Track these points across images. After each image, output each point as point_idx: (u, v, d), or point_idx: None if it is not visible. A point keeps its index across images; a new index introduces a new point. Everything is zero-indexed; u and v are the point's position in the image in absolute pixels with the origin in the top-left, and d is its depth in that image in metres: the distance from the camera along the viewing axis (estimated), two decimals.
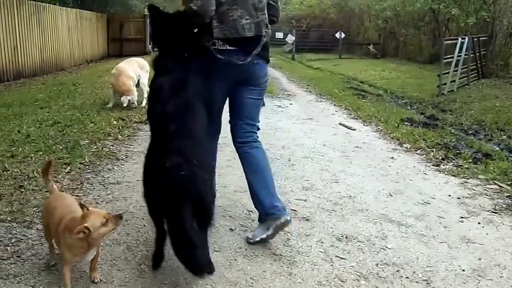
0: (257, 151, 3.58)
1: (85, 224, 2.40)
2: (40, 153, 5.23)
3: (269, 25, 3.42)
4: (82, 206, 2.59)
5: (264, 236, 3.30)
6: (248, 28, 3.25)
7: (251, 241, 3.35)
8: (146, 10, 22.41)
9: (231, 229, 3.56)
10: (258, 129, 3.67)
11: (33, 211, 3.70)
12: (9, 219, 3.55)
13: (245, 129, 3.57)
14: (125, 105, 7.84)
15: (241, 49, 3.26)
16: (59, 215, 2.64)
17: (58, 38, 15.48)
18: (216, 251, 3.21)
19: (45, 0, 15.58)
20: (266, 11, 3.37)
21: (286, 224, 3.29)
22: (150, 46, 21.93)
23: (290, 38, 28.42)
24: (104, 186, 4.38)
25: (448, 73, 13.49)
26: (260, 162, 3.56)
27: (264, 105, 4.45)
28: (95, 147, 5.64)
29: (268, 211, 3.31)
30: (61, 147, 5.49)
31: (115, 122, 6.96)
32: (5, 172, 4.56)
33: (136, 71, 8.42)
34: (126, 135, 6.30)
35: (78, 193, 4.16)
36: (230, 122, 3.66)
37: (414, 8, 23.87)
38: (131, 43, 21.48)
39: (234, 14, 3.20)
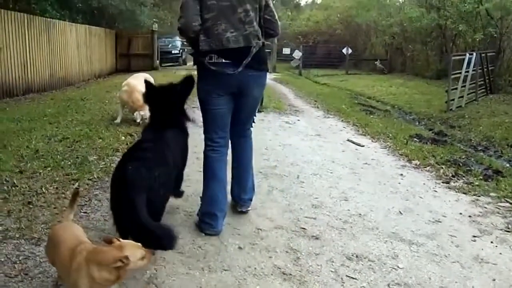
0: (243, 142, 4.14)
1: (126, 254, 2.27)
2: (49, 168, 5.22)
3: (261, 37, 3.69)
4: (109, 238, 2.42)
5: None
6: (233, 40, 3.56)
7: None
8: (153, 26, 22.58)
9: (239, 248, 3.52)
10: (252, 126, 4.26)
11: (42, 228, 3.67)
12: (17, 236, 3.53)
13: (239, 132, 4.05)
14: (138, 120, 7.82)
15: (233, 61, 3.57)
16: (69, 246, 2.45)
17: (67, 54, 15.60)
18: (225, 270, 3.17)
19: (55, 17, 15.75)
20: (255, 24, 3.65)
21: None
22: (157, 61, 22.11)
23: (297, 54, 28.51)
24: None
25: (456, 88, 13.46)
26: (241, 161, 4.13)
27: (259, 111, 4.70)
28: (103, 163, 5.63)
29: (237, 201, 4.16)
30: (69, 163, 5.48)
31: (123, 137, 6.96)
32: (13, 188, 4.55)
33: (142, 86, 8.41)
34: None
35: (87, 209, 4.13)
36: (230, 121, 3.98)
37: (421, 24, 23.91)
38: (139, 58, 21.62)
39: (219, 28, 3.55)
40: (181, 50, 28.56)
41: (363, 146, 7.47)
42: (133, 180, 2.97)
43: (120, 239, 2.41)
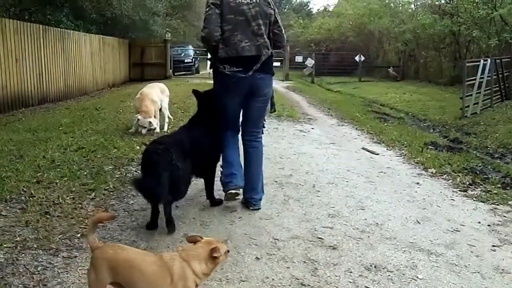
0: (253, 150, 4.67)
1: (227, 248, 2.58)
2: (65, 178, 5.24)
3: (270, 47, 4.42)
4: (193, 237, 2.58)
5: None
6: (247, 49, 4.27)
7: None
8: (166, 35, 22.70)
9: (257, 258, 3.50)
10: (264, 127, 4.96)
11: (59, 238, 3.69)
12: (35, 246, 3.54)
13: (250, 130, 4.67)
14: (145, 126, 7.90)
15: (245, 67, 4.28)
16: (151, 261, 2.45)
17: (82, 64, 15.74)
18: (242, 281, 3.15)
19: (69, 27, 15.93)
20: (265, 37, 4.37)
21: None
22: (170, 70, 22.19)
23: (310, 62, 28.51)
24: (129, 213, 4.37)
25: (470, 95, 13.37)
26: (253, 166, 4.64)
27: (274, 111, 5.62)
28: (119, 172, 5.66)
29: (249, 200, 4.60)
30: (85, 173, 5.51)
31: (138, 147, 6.97)
32: (31, 198, 4.57)
33: (159, 96, 8.52)
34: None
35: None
36: (241, 123, 4.71)
37: (434, 30, 23.83)
38: (152, 67, 21.72)
39: (235, 39, 4.25)
40: (193, 59, 28.66)
41: (378, 154, 7.43)
42: (160, 159, 3.87)
43: (203, 237, 2.59)
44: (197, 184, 5.30)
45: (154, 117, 8.09)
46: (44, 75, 12.78)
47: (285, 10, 71.57)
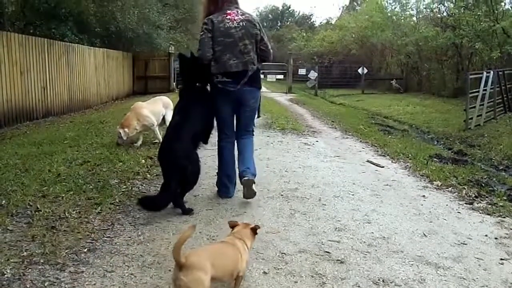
0: (245, 142, 5.43)
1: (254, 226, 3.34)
2: (71, 192, 5.25)
3: (256, 63, 5.16)
4: (233, 222, 3.37)
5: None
6: (235, 66, 5.03)
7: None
8: (170, 49, 22.80)
9: (264, 272, 3.48)
10: (253, 130, 5.62)
11: (66, 253, 3.68)
12: (41, 261, 3.54)
13: (242, 132, 5.43)
14: (124, 137, 8.01)
15: (234, 80, 5.04)
16: (228, 244, 3.12)
17: (86, 77, 15.83)
18: None
19: (74, 41, 16.03)
20: (252, 54, 5.11)
21: (249, 182, 5.08)
22: (174, 84, 22.25)
23: (313, 75, 28.62)
24: (135, 227, 4.36)
25: (474, 107, 13.38)
26: (244, 152, 5.37)
27: (259, 116, 6.07)
28: (124, 186, 5.65)
29: (240, 174, 5.19)
30: (91, 187, 5.51)
31: (143, 161, 6.99)
32: (37, 213, 4.57)
33: (158, 110, 8.57)
34: (155, 174, 6.28)
35: (109, 234, 4.14)
36: (235, 127, 5.45)
37: (436, 43, 23.89)
38: (156, 80, 21.83)
39: (224, 58, 5.03)
40: None
41: (383, 167, 7.41)
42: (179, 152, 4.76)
43: (239, 222, 3.38)
44: (202, 196, 5.32)
45: (135, 129, 8.15)
46: (49, 88, 12.87)
47: (288, 23, 72.03)
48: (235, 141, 5.45)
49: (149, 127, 8.34)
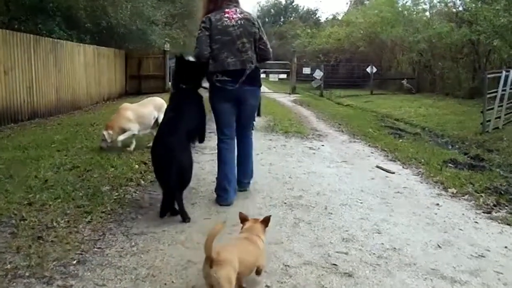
0: (244, 143, 5.79)
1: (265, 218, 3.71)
2: (59, 200, 5.25)
3: (254, 61, 5.48)
4: (244, 215, 3.73)
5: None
6: (232, 64, 5.33)
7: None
8: (165, 46, 22.85)
9: (267, 286, 3.48)
10: (253, 128, 5.97)
11: (53, 265, 3.68)
12: (27, 274, 3.53)
13: (241, 132, 5.73)
14: (108, 140, 8.04)
15: (232, 79, 5.33)
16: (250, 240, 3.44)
17: (75, 76, 15.87)
18: None
19: (62, 37, 16.04)
20: (250, 53, 5.41)
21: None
22: (170, 83, 22.26)
23: (318, 74, 28.62)
24: (128, 237, 4.36)
25: (492, 108, 13.35)
26: (243, 153, 5.78)
27: (259, 115, 6.38)
28: (116, 193, 5.66)
29: (239, 183, 5.74)
30: (81, 194, 5.52)
31: (136, 166, 7.00)
32: (22, 222, 4.57)
33: (147, 113, 8.57)
34: (149, 180, 6.29)
35: (101, 244, 4.14)
36: (235, 124, 5.67)
37: (451, 39, 23.88)
38: (150, 80, 21.87)
39: (222, 56, 5.32)
40: None
41: (393, 173, 7.41)
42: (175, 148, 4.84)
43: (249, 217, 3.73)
44: (200, 205, 5.33)
45: (119, 131, 8.19)
46: (35, 88, 12.88)
47: (292, 18, 72.14)
48: (235, 142, 5.71)
49: (127, 130, 8.31)
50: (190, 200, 5.39)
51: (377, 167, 7.77)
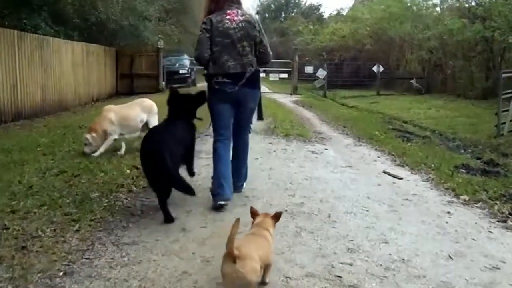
0: (240, 145, 6.07)
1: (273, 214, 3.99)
2: (45, 207, 5.24)
3: (254, 65, 5.75)
4: (254, 210, 3.98)
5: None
6: (233, 67, 5.59)
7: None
8: (159, 43, 22.86)
9: None
10: (250, 131, 6.21)
11: (38, 277, 3.67)
12: (9, 287, 3.53)
13: (239, 134, 6.02)
14: (93, 144, 8.04)
15: (232, 82, 5.60)
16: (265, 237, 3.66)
17: (62, 75, 15.88)
18: None
19: (48, 33, 16.03)
20: (250, 56, 5.68)
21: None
22: (163, 83, 22.28)
23: (321, 73, 28.62)
24: (118, 247, 4.36)
25: (507, 110, 13.35)
26: (238, 155, 6.08)
27: (262, 119, 6.62)
28: (106, 200, 5.65)
29: (233, 186, 5.82)
30: (68, 201, 5.51)
31: (128, 171, 7.00)
32: (5, 231, 4.56)
33: (133, 116, 8.50)
34: (141, 187, 6.30)
35: (89, 255, 4.13)
36: (232, 126, 5.94)
37: (463, 36, 23.86)
38: (142, 79, 21.91)
39: (222, 59, 5.59)
40: (190, 70, 28.78)
41: (401, 178, 7.41)
42: (161, 150, 5.04)
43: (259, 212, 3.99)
44: (195, 213, 5.33)
45: (103, 134, 8.17)
46: (19, 87, 12.89)
47: (293, 14, 72.23)
48: (231, 143, 6.01)
49: (109, 134, 8.26)
50: (184, 208, 5.40)
51: (384, 172, 7.77)
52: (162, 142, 5.20)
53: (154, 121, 8.58)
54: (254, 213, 3.94)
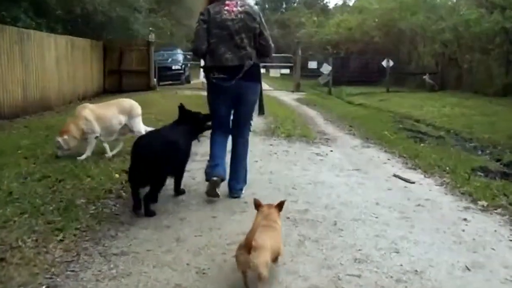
0: (240, 144, 6.27)
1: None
2: (26, 215, 5.22)
3: (253, 58, 5.96)
4: (258, 201, 4.36)
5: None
6: (230, 60, 5.83)
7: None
8: (150, 36, 22.85)
9: None
10: (251, 125, 6.40)
11: None
12: None
13: (239, 129, 6.28)
14: (64, 147, 7.99)
15: (229, 76, 5.82)
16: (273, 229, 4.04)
17: (45, 71, 15.83)
18: None
19: (29, 26, 16.00)
20: (248, 49, 5.89)
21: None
22: (155, 80, 22.27)
23: (326, 68, 28.59)
24: (106, 258, 4.35)
25: None
26: (237, 156, 6.27)
27: (263, 113, 6.86)
28: (93, 207, 5.64)
29: (230, 188, 6.21)
30: (51, 208, 5.48)
31: (117, 175, 6.99)
32: None
33: (109, 116, 8.39)
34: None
35: (74, 267, 4.13)
36: (232, 122, 6.28)
37: (481, 28, 23.84)
38: (132, 75, 21.90)
39: (220, 51, 5.84)
40: (183, 66, 28.78)
41: (413, 182, 7.41)
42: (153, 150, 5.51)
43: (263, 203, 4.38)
44: (190, 222, 5.32)
45: (75, 137, 8.09)
46: None
47: (295, 4, 72.26)
48: (230, 140, 6.37)
49: (88, 134, 8.19)
50: (178, 214, 5.40)
51: (395, 176, 7.77)
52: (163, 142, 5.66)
53: (136, 124, 8.53)
54: (258, 205, 4.31)
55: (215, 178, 5.91)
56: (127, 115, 8.50)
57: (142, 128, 8.56)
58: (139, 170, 5.46)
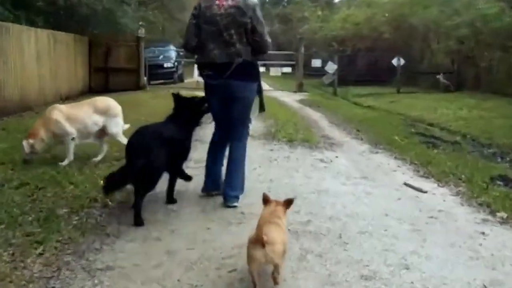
0: (235, 149, 6.44)
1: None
2: (2, 226, 5.23)
3: (244, 55, 6.10)
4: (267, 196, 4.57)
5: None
6: (219, 56, 6.07)
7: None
8: (139, 31, 22.87)
9: None
10: (248, 127, 6.65)
11: None
12: None
13: (232, 133, 6.47)
14: (26, 151, 7.95)
15: (217, 73, 6.11)
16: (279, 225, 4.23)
17: (24, 68, 15.78)
18: None
19: (7, 19, 15.97)
20: (237, 45, 6.06)
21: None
22: (145, 78, 22.26)
23: (331, 67, 28.54)
24: (90, 273, 4.35)
25: None
26: (233, 161, 6.38)
27: (264, 110, 6.94)
28: (76, 218, 5.64)
29: (225, 196, 6.29)
30: (30, 219, 5.49)
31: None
32: None
33: (81, 117, 8.36)
34: (119, 201, 6.30)
35: (55, 283, 4.12)
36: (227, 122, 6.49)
37: (501, 23, 23.83)
38: (120, 74, 21.88)
39: (209, 47, 6.10)
40: (176, 63, 28.80)
41: (426, 192, 7.41)
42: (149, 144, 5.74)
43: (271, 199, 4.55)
44: (182, 234, 5.32)
45: (42, 140, 8.06)
46: None
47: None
48: (227, 142, 6.60)
49: (62, 136, 8.19)
50: (169, 225, 5.41)
51: (405, 184, 7.77)
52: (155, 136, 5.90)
53: (112, 126, 8.51)
54: (266, 200, 4.52)
55: (211, 193, 6.52)
56: (103, 115, 8.46)
57: (120, 131, 8.58)
58: (132, 163, 5.69)
